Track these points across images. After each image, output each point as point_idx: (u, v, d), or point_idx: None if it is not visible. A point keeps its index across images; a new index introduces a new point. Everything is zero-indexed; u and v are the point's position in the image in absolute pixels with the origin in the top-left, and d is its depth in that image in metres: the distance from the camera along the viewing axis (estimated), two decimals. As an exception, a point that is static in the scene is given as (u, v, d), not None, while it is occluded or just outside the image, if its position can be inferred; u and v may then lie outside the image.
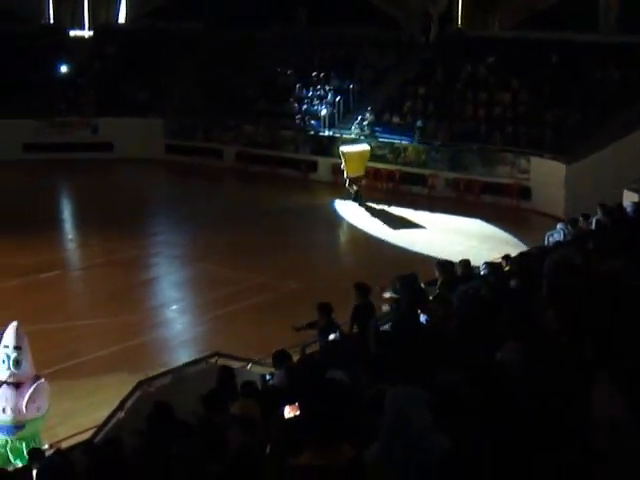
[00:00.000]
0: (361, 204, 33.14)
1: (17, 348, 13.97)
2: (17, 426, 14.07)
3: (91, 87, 43.51)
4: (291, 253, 27.17)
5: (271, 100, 41.09)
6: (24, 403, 13.95)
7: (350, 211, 32.62)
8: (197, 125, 41.32)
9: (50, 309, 22.48)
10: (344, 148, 34.36)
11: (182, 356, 18.89)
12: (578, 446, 5.84)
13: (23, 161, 39.97)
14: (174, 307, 23.07)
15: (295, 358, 12.73)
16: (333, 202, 33.70)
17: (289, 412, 8.23)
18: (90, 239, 29.07)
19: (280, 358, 11.80)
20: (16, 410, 13.96)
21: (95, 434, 13.34)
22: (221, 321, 21.58)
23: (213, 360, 14.98)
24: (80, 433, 14.89)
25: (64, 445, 13.08)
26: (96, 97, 42.88)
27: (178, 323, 22.04)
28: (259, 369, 14.13)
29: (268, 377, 12.06)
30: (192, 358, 16.94)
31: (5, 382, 14.04)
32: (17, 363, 13.95)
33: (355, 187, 33.68)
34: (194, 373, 14.75)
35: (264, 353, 15.42)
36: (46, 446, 13.55)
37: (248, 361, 14.86)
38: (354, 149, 34.63)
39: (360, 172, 34.14)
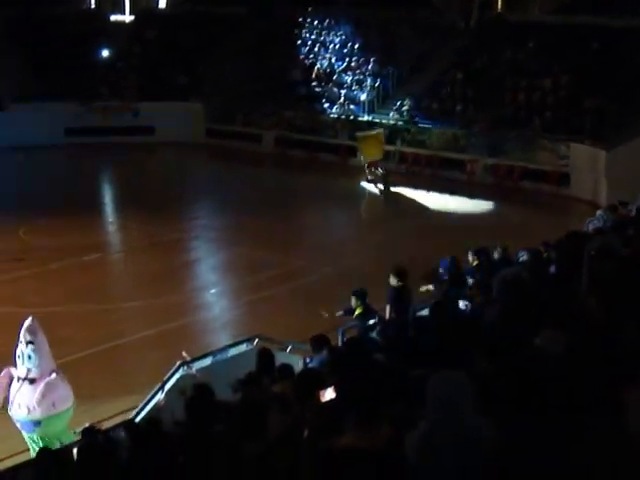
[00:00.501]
0: (385, 188, 33.24)
1: (30, 343, 14.00)
2: (34, 423, 14.04)
3: (132, 71, 43.83)
4: (329, 237, 27.30)
5: (311, 85, 41.16)
6: (34, 400, 13.90)
7: (387, 197, 32.66)
8: (237, 109, 41.48)
9: (93, 291, 22.77)
10: (360, 133, 34.56)
11: (222, 338, 19.05)
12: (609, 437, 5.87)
13: (65, 145, 40.43)
14: (213, 290, 23.25)
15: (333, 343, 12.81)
16: (372, 187, 33.72)
17: (326, 395, 8.30)
18: (131, 222, 29.35)
19: (319, 342, 11.88)
20: (31, 406, 13.91)
21: (136, 415, 13.48)
22: (260, 304, 21.70)
23: (253, 343, 15.09)
24: (121, 414, 15.17)
25: (106, 425, 13.26)
26: (137, 81, 43.22)
27: (218, 306, 22.20)
28: (298, 352, 14.21)
29: (308, 360, 12.17)
30: (232, 340, 17.09)
31: (22, 378, 14.14)
32: (29, 358, 14.03)
33: (377, 171, 33.80)
34: (234, 355, 14.86)
35: (302, 337, 15.56)
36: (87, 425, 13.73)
37: (287, 344, 14.95)
38: (369, 133, 34.80)
39: (378, 156, 34.28)
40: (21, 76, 42.88)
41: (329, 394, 8.31)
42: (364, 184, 34.00)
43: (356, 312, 14.40)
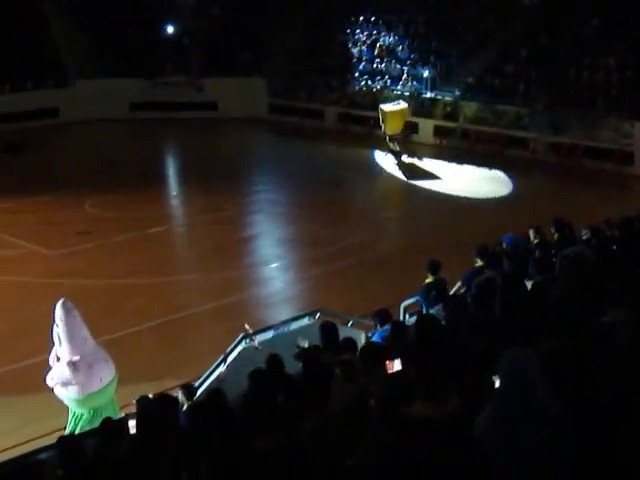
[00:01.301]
0: (400, 161, 33.61)
1: (56, 325, 14.23)
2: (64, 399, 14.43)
3: (197, 47, 44.04)
4: (391, 213, 27.34)
5: (374, 61, 41.08)
6: (48, 380, 14.24)
7: (451, 173, 32.56)
8: (300, 85, 41.56)
9: (157, 263, 23.08)
10: (384, 106, 34.60)
11: (283, 312, 19.17)
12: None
13: (130, 120, 40.89)
14: (275, 264, 23.42)
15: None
16: (434, 164, 33.62)
17: (392, 367, 8.38)
18: (195, 196, 29.63)
19: (382, 317, 11.95)
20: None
21: (198, 386, 13.63)
22: (321, 279, 21.82)
23: (315, 316, 15.19)
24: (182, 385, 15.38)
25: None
26: (201, 57, 43.43)
27: (279, 280, 22.36)
28: (360, 327, 14.28)
29: (370, 334, 12.25)
30: (294, 314, 17.22)
31: (57, 357, 14.34)
32: (58, 338, 14.22)
33: (395, 144, 33.88)
34: (296, 329, 14.96)
35: (365, 311, 15.66)
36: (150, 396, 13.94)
37: (350, 319, 15.03)
38: (394, 108, 34.82)
39: (398, 129, 34.42)
40: (87, 52, 43.36)
41: (396, 365, 8.39)
42: (383, 155, 34.02)
43: (426, 281, 14.27)
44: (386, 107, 34.75)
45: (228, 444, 7.43)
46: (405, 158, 33.93)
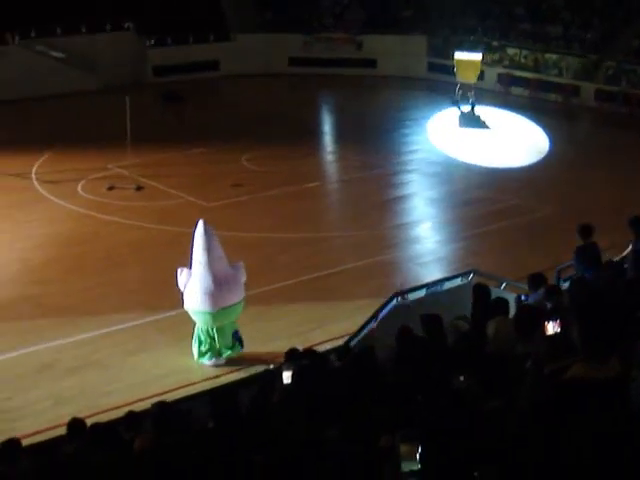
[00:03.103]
0: (469, 112, 32.80)
1: (196, 242, 15.63)
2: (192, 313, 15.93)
3: (356, 3, 43.84)
4: (546, 176, 26.69)
5: (536, 21, 40.08)
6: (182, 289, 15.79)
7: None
8: (460, 44, 40.89)
9: (310, 219, 23.20)
10: (457, 54, 33.65)
11: (434, 272, 19.05)
12: None
13: (288, 74, 41.15)
14: (429, 224, 23.22)
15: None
16: (597, 129, 32.70)
17: (551, 328, 8.20)
18: (350, 153, 29.55)
19: (536, 281, 11.74)
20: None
21: (348, 341, 13.66)
22: (475, 241, 21.56)
23: (468, 277, 14.98)
24: (333, 340, 15.44)
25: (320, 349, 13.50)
26: (362, 14, 43.23)
27: (431, 240, 22.16)
28: (513, 290, 14.02)
29: (524, 297, 12.01)
30: (445, 275, 17.03)
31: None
32: (197, 253, 15.58)
33: (469, 94, 33.16)
34: (449, 289, 14.80)
35: (518, 275, 15.38)
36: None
37: (503, 281, 14.77)
38: (465, 56, 33.81)
39: (471, 79, 33.58)
40: (248, 7, 43.74)
41: (552, 327, 8.20)
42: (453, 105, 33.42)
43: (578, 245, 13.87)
44: (458, 55, 34.02)
45: (374, 396, 7.43)
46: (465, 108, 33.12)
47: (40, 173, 26.88)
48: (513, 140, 30.95)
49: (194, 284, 15.47)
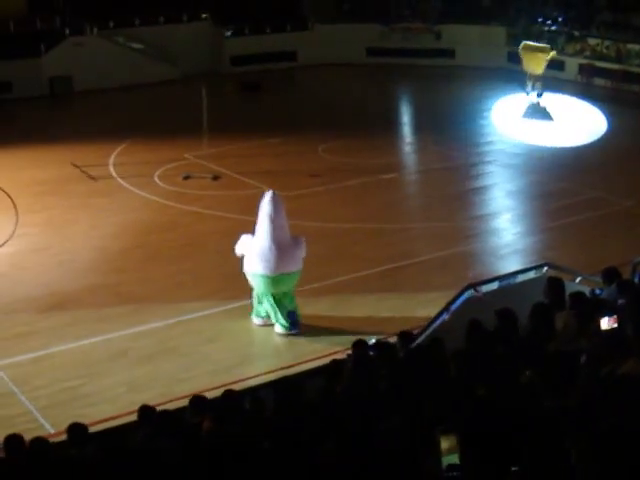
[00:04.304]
0: (536, 103, 31.99)
1: (263, 208, 16.50)
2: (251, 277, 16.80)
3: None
4: (627, 170, 26.17)
5: (618, 11, 39.37)
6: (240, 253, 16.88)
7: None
8: (541, 34, 40.37)
9: (386, 210, 23.10)
10: (523, 45, 32.88)
11: (510, 264, 18.84)
12: None
13: (366, 65, 41.11)
14: (506, 216, 22.99)
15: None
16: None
17: (608, 323, 8.09)
18: (428, 144, 29.40)
19: (611, 275, 11.57)
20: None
21: (420, 333, 13.59)
22: (552, 234, 21.29)
23: (542, 270, 14.79)
24: (411, 330, 15.36)
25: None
26: (441, 3, 42.97)
27: (509, 232, 21.92)
28: (588, 284, 13.80)
29: (598, 292, 11.84)
30: (521, 267, 16.85)
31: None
32: (263, 219, 16.47)
33: (534, 83, 32.37)
34: (523, 281, 14.63)
35: (593, 269, 15.13)
36: (373, 341, 14.02)
37: (578, 274, 14.54)
38: (532, 46, 32.99)
39: (537, 70, 32.58)
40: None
41: (608, 322, 8.08)
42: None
43: None
44: (524, 44, 33.32)
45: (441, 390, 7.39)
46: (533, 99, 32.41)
47: (117, 162, 27.22)
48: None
49: (255, 248, 16.34)
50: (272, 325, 16.64)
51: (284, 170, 26.13)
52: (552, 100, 32.64)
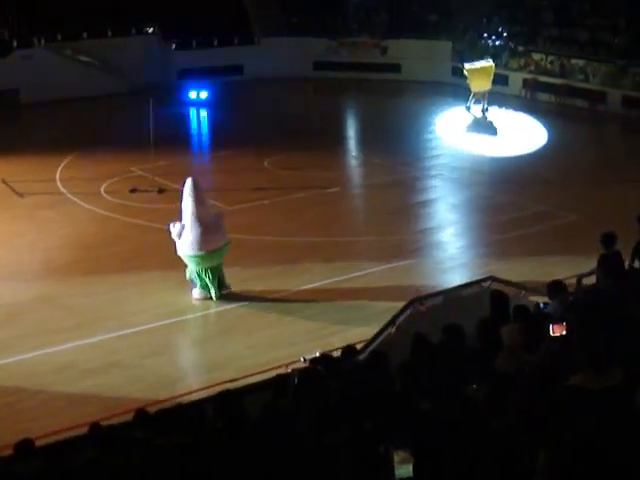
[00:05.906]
0: (483, 119, 32.34)
1: (186, 195, 18.53)
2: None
3: (382, 8, 43.86)
4: (571, 183, 26.40)
5: (563, 26, 39.84)
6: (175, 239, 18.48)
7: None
8: (485, 49, 40.73)
9: (330, 223, 23.18)
10: (467, 65, 33.34)
11: (455, 278, 18.95)
12: None
13: (313, 78, 41.22)
14: (450, 229, 23.14)
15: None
16: (624, 135, 32.44)
17: (556, 331, 8.17)
18: (373, 158, 29.49)
19: (556, 289, 11.63)
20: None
21: (365, 347, 13.62)
22: (496, 247, 21.41)
23: (487, 284, 14.91)
24: (355, 344, 15.38)
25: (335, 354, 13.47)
26: (387, 18, 43.24)
27: (453, 246, 22.06)
28: (533, 298, 13.93)
29: (542, 306, 11.94)
30: (466, 281, 16.96)
31: None
32: (187, 206, 18.51)
33: (478, 99, 32.77)
34: (467, 296, 14.73)
35: (538, 282, 15.26)
36: (318, 354, 14.02)
37: (522, 288, 14.68)
38: (476, 65, 33.51)
39: (485, 87, 33.03)
40: (273, 12, 43.83)
41: (559, 329, 8.16)
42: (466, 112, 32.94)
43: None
44: (468, 65, 33.74)
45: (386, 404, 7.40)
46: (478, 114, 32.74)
47: (64, 176, 27.04)
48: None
49: (188, 232, 18.04)
50: (211, 298, 18.25)
51: (230, 184, 26.13)
52: (496, 114, 32.94)
